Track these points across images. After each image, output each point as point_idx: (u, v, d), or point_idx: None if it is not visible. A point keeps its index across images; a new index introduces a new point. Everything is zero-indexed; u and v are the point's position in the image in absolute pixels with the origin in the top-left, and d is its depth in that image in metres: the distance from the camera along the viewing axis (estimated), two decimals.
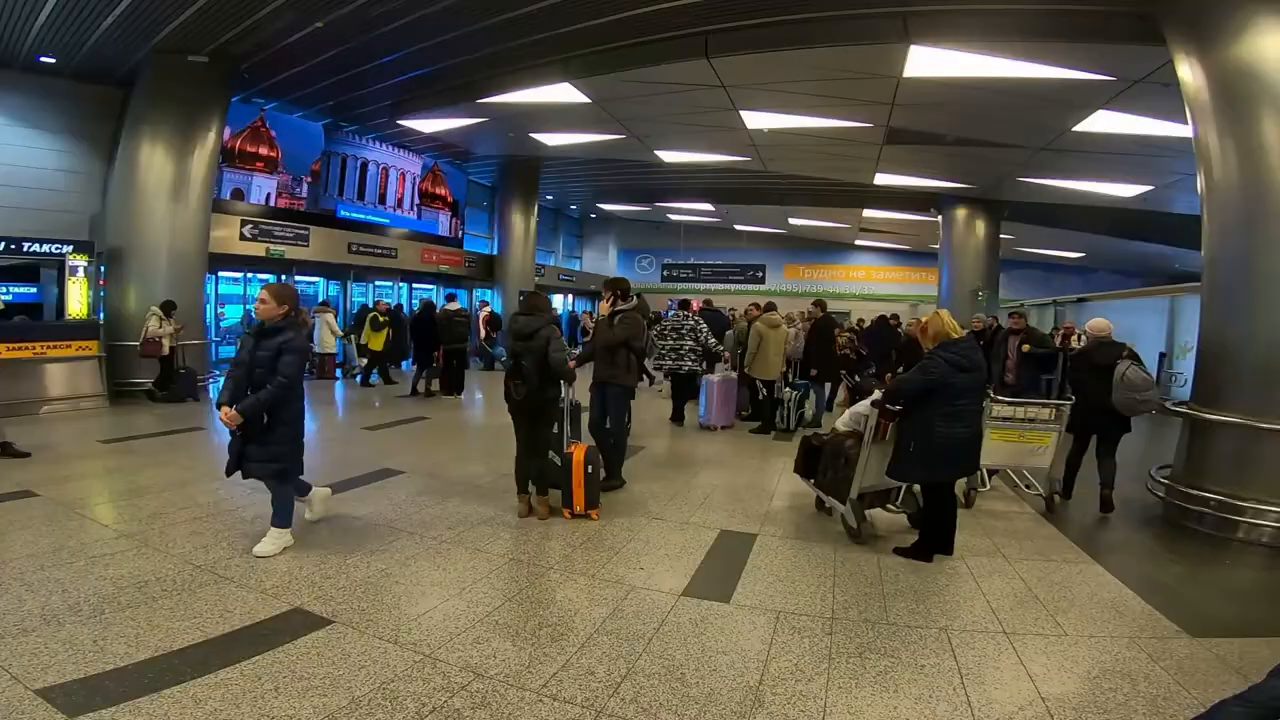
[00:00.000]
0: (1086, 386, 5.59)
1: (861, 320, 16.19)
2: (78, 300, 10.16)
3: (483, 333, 15.95)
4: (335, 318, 13.40)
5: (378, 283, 17.54)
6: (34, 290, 11.12)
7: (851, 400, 8.54)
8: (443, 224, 19.30)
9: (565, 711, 2.49)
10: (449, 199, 19.48)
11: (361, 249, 16.03)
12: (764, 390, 8.80)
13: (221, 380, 11.50)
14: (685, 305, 9.49)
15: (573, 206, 26.71)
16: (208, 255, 11.41)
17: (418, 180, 18.17)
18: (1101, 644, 3.23)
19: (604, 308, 5.79)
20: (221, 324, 13.75)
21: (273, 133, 14.01)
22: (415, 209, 18.23)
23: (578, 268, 28.33)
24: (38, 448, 6.33)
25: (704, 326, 8.98)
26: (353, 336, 13.77)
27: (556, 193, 23.00)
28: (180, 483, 5.44)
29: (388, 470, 6.04)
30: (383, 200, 17.21)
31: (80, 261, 10.19)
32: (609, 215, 27.70)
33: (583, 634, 3.11)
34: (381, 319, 12.36)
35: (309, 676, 2.62)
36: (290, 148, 14.39)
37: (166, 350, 9.74)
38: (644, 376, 8.99)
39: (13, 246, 9.88)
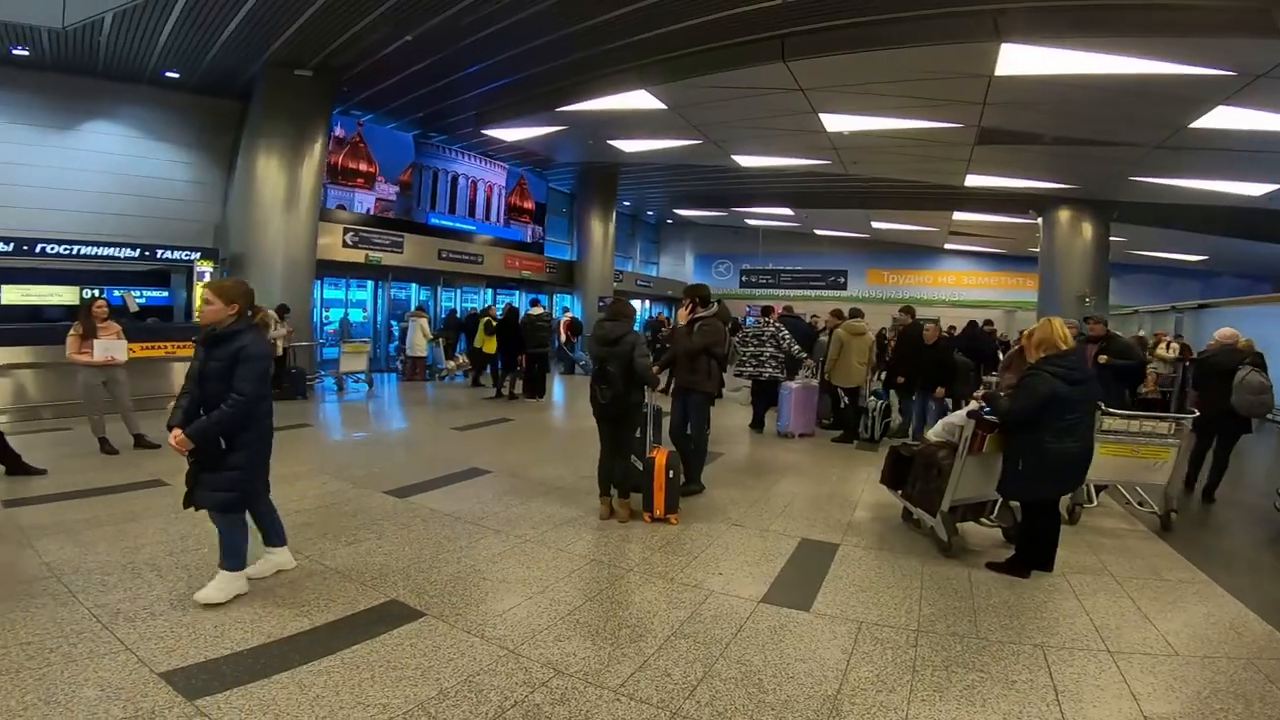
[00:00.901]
0: (1210, 389, 5.92)
1: (952, 327, 15.51)
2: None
3: (564, 337, 16.33)
4: (428, 323, 14.03)
5: (464, 288, 18.30)
6: (165, 294, 12.26)
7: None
8: (525, 231, 19.92)
9: (641, 711, 2.54)
10: (531, 209, 20.11)
11: (450, 255, 16.77)
12: (845, 399, 8.61)
13: (326, 380, 12.43)
14: (766, 312, 9.42)
15: (649, 212, 26.93)
16: (315, 262, 12.24)
17: (503, 191, 18.85)
18: (1216, 664, 3.03)
19: (683, 315, 5.83)
20: (325, 328, 14.69)
21: (370, 147, 14.90)
22: (501, 217, 18.92)
23: (654, 273, 28.54)
24: (166, 440, 6.96)
25: (786, 333, 8.88)
26: (441, 340, 14.40)
27: (634, 199, 23.28)
28: (290, 477, 5.84)
29: (475, 469, 6.29)
30: (471, 212, 17.96)
31: (206, 267, 11.19)
32: (686, 220, 27.75)
33: (660, 636, 3.15)
34: (494, 324, 12.87)
35: (402, 666, 2.77)
36: (383, 157, 15.26)
37: (280, 351, 10.50)
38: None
39: (147, 253, 10.96)
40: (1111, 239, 16.46)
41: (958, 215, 18.93)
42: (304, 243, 11.77)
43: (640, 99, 11.07)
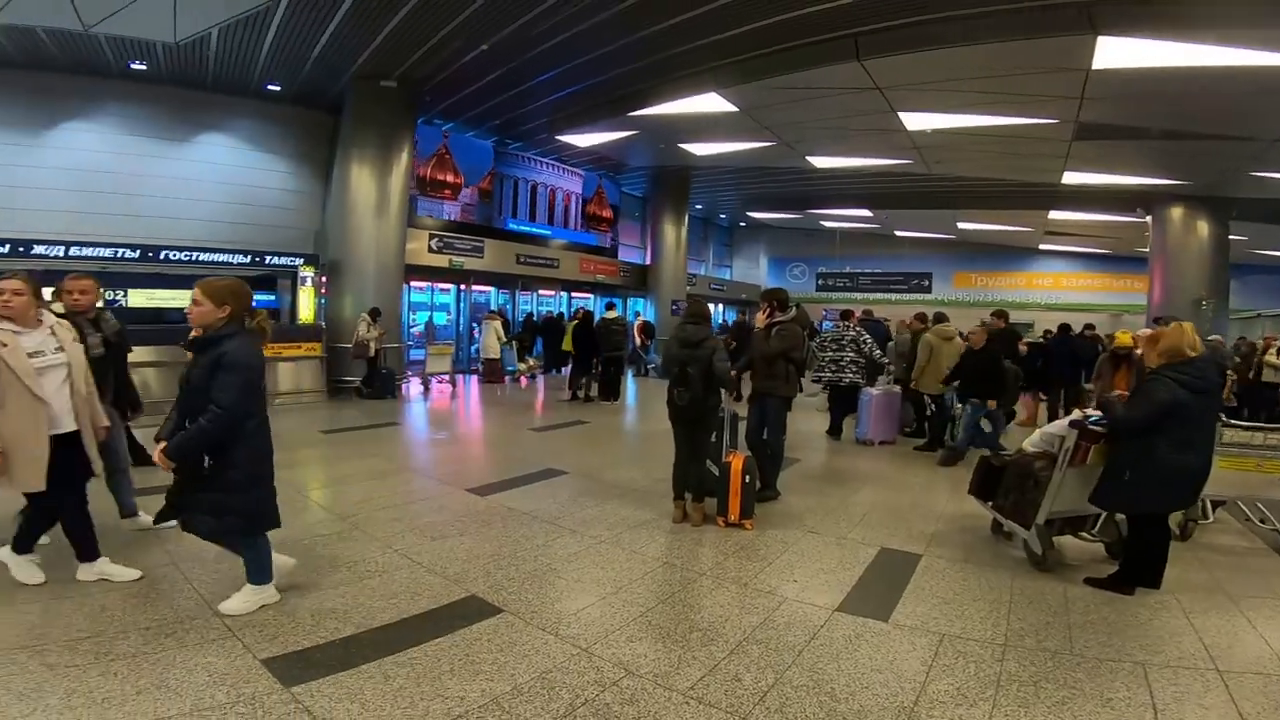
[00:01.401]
0: None
1: (1048, 331, 14.65)
2: (306, 306, 11.89)
3: (638, 340, 16.48)
4: (502, 325, 14.41)
5: (539, 292, 18.75)
6: (272, 298, 13.12)
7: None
8: (599, 235, 20.24)
9: (710, 715, 2.54)
10: (610, 218, 20.46)
11: (528, 260, 17.24)
12: (932, 406, 8.29)
13: (414, 380, 13.05)
14: (846, 316, 9.19)
15: (722, 215, 26.78)
16: (404, 266, 12.85)
17: (578, 196, 19.26)
18: None
19: (760, 319, 5.79)
20: (411, 330, 15.38)
21: (453, 156, 15.54)
22: (579, 223, 19.31)
23: (728, 276, 28.35)
24: (273, 435, 7.48)
25: (866, 337, 8.64)
26: (514, 342, 14.80)
27: (706, 202, 23.21)
28: (381, 473, 6.21)
29: (552, 470, 6.43)
30: (551, 219, 18.43)
31: (308, 273, 11.93)
32: (759, 223, 27.41)
33: (732, 640, 3.15)
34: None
35: (479, 661, 2.87)
36: (464, 164, 15.91)
37: (372, 352, 11.12)
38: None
39: (256, 259, 11.78)
40: (1231, 238, 15.16)
41: (1055, 214, 17.90)
42: (393, 248, 12.39)
43: (711, 102, 11.08)
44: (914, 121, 10.84)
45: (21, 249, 9.47)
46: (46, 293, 3.80)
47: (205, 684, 2.58)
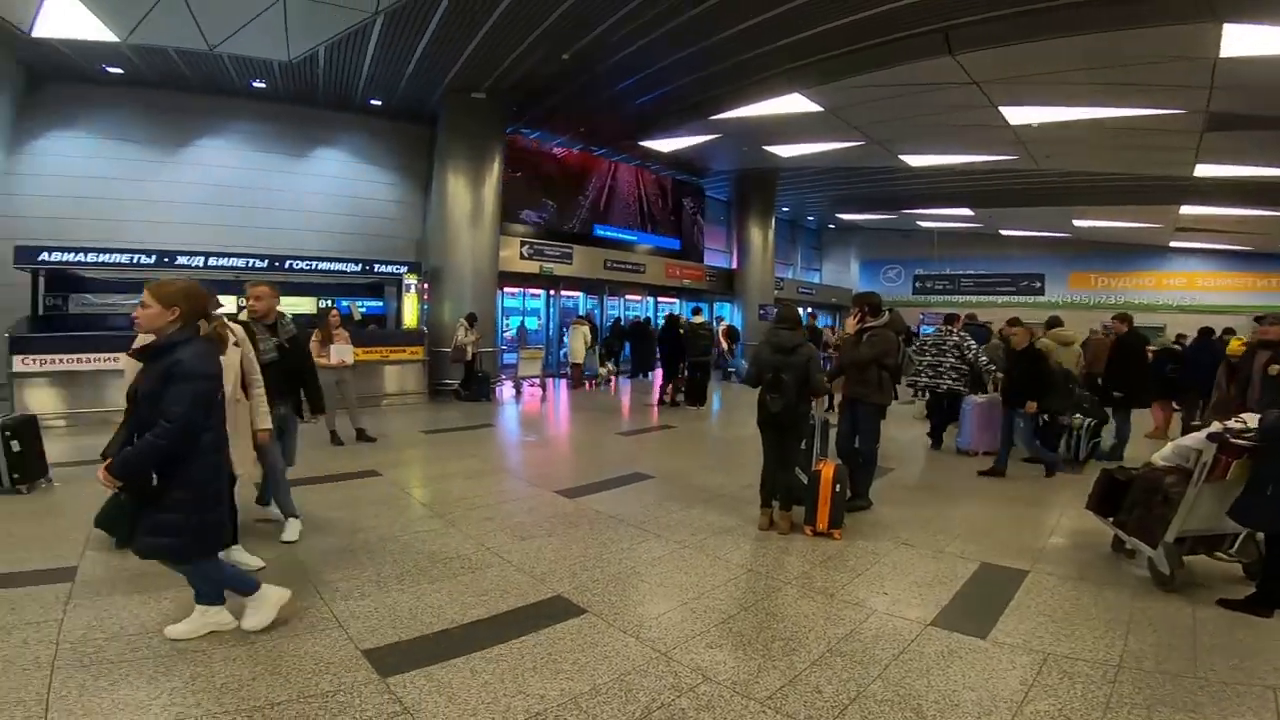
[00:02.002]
0: None
1: (1182, 336, 13.37)
2: (410, 312, 12.59)
3: (724, 345, 16.35)
4: (590, 330, 14.64)
5: (626, 297, 18.96)
6: (380, 304, 13.98)
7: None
8: (684, 240, 20.30)
9: None
10: (692, 218, 20.48)
11: (615, 265, 17.51)
12: (1043, 417, 7.76)
13: (509, 384, 13.54)
14: (950, 320, 8.72)
15: (810, 217, 26.20)
16: (498, 273, 13.36)
17: (662, 201, 19.45)
18: None
19: (851, 324, 5.65)
20: (504, 334, 15.95)
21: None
22: (664, 228, 19.45)
23: (817, 280, 27.71)
24: (380, 434, 8.02)
25: (971, 343, 8.19)
26: (597, 348, 15.00)
27: (793, 204, 22.79)
28: (476, 473, 6.49)
29: (639, 474, 6.50)
30: (633, 222, 18.65)
31: (412, 280, 12.63)
32: (849, 225, 26.61)
33: (814, 651, 3.08)
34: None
35: (561, 661, 2.94)
36: None
37: (469, 356, 11.63)
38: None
39: (366, 268, 12.58)
40: None
41: (1187, 209, 16.39)
42: (487, 255, 12.95)
43: (794, 103, 10.91)
44: (1018, 115, 10.27)
45: (166, 259, 10.53)
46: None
47: (311, 672, 2.77)
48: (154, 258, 10.44)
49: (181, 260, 10.61)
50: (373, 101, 12.90)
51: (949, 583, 3.98)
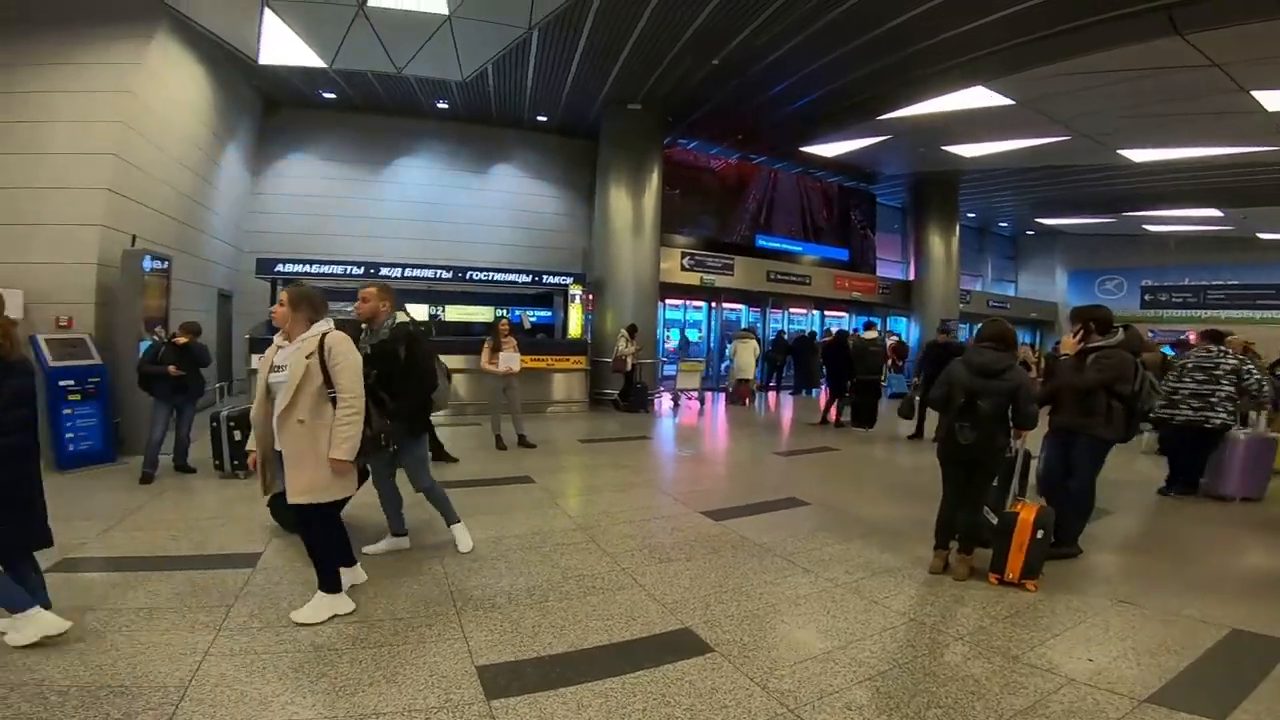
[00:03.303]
0: None
1: None
2: (575, 322, 13.00)
3: (890, 361, 15.13)
4: (758, 344, 14.23)
5: (790, 310, 18.20)
6: (548, 314, 14.62)
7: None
8: (853, 250, 19.16)
9: None
10: (863, 227, 19.33)
11: (778, 276, 16.87)
12: None
13: (667, 396, 13.52)
14: (1216, 338, 6.81)
15: (1002, 223, 23.55)
16: (659, 284, 13.41)
17: (828, 209, 18.53)
18: None
19: (1070, 343, 4.79)
20: (665, 346, 15.98)
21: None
22: (832, 235, 18.52)
23: (1012, 292, 24.84)
24: (541, 441, 8.29)
25: (1250, 366, 6.54)
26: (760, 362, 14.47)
27: (979, 209, 20.62)
28: (626, 485, 6.43)
29: (793, 499, 6.05)
30: (798, 232, 17.89)
31: (577, 290, 13.04)
32: (1052, 230, 23.49)
33: None
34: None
35: (674, 704, 2.68)
36: None
37: (629, 367, 11.75)
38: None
39: (536, 279, 13.21)
40: None
41: None
42: (648, 266, 13.04)
43: (977, 97, 9.83)
44: (1277, 100, 8.43)
45: (372, 270, 11.80)
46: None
47: (423, 684, 2.75)
48: (362, 269, 11.73)
49: (385, 271, 11.81)
50: (540, 118, 13.52)
51: (1181, 651, 3.20)
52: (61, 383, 6.50)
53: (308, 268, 11.39)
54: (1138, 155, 12.40)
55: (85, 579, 3.72)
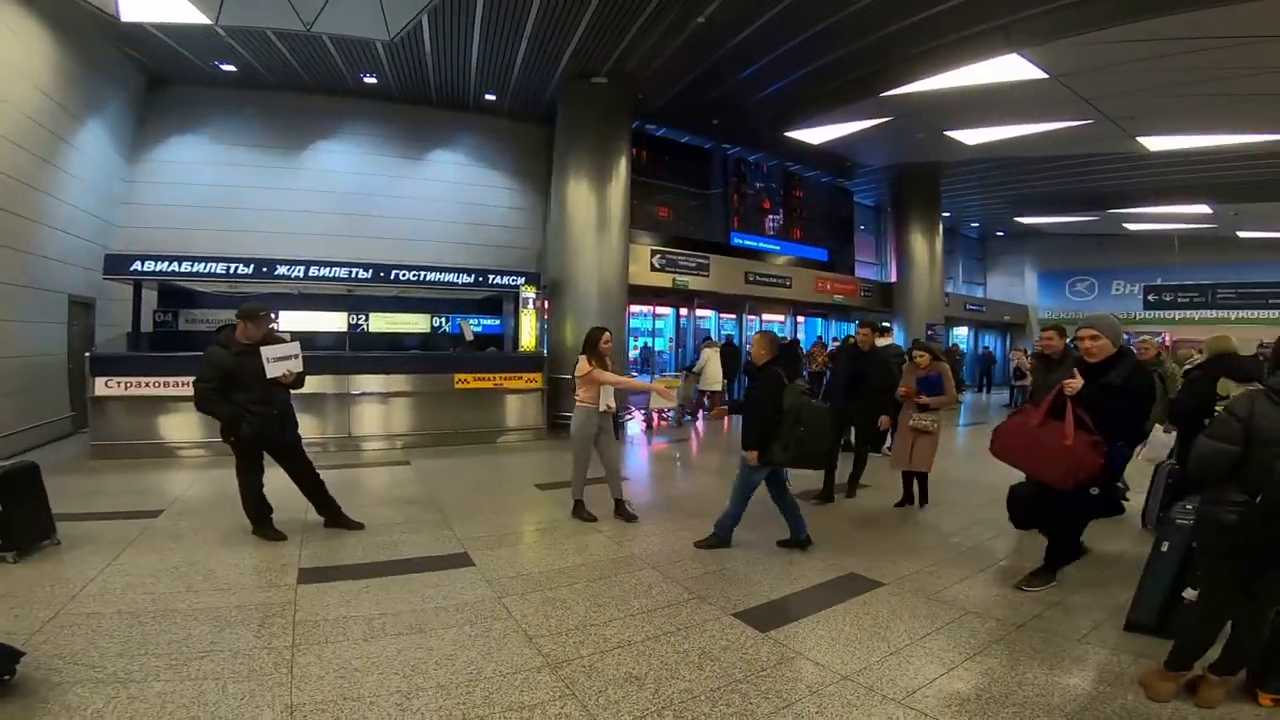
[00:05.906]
0: None
1: None
2: (528, 332, 10.84)
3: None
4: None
5: (763, 316, 16.57)
6: (497, 322, 12.53)
7: None
8: (832, 250, 17.99)
9: None
10: (840, 224, 18.34)
11: (758, 278, 15.26)
12: None
13: (639, 414, 11.60)
14: None
15: (973, 224, 22.89)
16: (628, 287, 11.50)
17: (805, 207, 17.37)
18: None
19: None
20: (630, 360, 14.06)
21: None
22: (810, 233, 17.24)
23: (981, 294, 24.11)
24: (488, 487, 6.19)
25: None
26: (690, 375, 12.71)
27: (953, 208, 19.65)
28: (612, 565, 4.45)
29: (855, 577, 4.20)
30: (781, 230, 16.42)
31: (530, 293, 10.91)
32: (1024, 231, 22.96)
33: None
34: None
35: None
36: None
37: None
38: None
39: (480, 280, 11.06)
40: None
41: None
42: (615, 266, 11.06)
43: (1007, 68, 8.65)
44: None
45: (265, 269, 9.57)
46: None
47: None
48: (251, 268, 9.45)
49: (281, 270, 9.61)
50: (488, 96, 11.65)
51: None
52: None
53: (177, 265, 9.05)
54: (1155, 143, 11.57)
55: None
